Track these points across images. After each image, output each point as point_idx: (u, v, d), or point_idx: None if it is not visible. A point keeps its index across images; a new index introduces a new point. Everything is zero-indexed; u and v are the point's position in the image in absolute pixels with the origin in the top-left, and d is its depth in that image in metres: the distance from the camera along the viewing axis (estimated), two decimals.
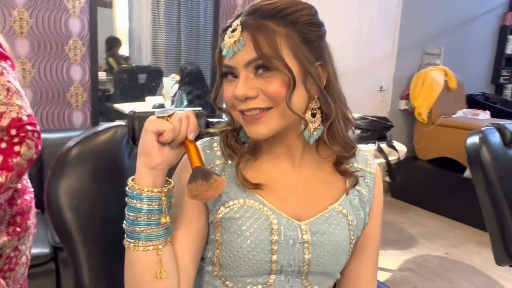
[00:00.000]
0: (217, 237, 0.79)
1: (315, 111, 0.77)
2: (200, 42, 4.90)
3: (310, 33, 0.74)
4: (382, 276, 2.75)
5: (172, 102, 3.60)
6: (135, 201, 0.69)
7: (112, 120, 4.53)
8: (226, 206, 0.78)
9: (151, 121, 0.68)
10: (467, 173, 3.56)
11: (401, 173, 3.83)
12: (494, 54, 4.93)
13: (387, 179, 2.52)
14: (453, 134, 3.85)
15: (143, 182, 0.69)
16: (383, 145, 2.39)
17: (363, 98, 3.99)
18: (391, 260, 2.95)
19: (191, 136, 0.70)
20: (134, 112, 1.09)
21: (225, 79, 0.77)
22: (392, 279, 2.73)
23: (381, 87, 4.09)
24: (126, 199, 0.71)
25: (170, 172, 0.77)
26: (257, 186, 0.78)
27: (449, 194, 3.72)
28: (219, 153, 0.82)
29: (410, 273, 2.79)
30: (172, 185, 0.72)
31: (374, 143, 2.39)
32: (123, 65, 4.87)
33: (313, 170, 0.84)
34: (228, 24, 0.76)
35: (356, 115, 2.53)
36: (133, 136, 1.07)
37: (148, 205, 0.69)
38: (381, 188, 0.90)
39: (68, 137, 2.81)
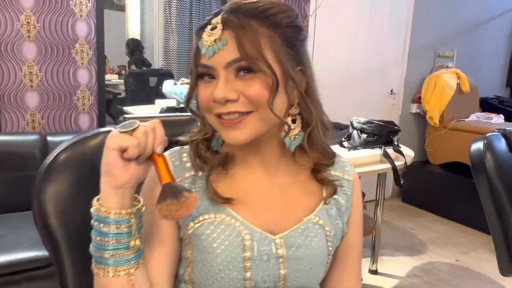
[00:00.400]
0: (188, 255, 0.75)
1: (295, 117, 0.75)
2: None
3: (292, 36, 0.71)
4: (389, 283, 2.70)
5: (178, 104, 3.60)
6: (101, 225, 0.64)
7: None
8: (196, 221, 0.74)
9: (113, 137, 0.62)
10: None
11: (410, 178, 3.79)
12: (508, 56, 4.83)
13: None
14: (465, 139, 3.76)
15: (109, 204, 0.64)
16: (390, 150, 2.34)
17: (374, 101, 3.94)
18: (399, 266, 2.90)
19: (159, 150, 0.65)
20: (124, 118, 1.08)
21: (200, 80, 0.72)
22: (400, 286, 2.68)
23: (392, 90, 4.04)
24: (91, 221, 0.66)
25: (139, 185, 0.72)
26: (228, 201, 0.74)
27: (461, 199, 3.64)
28: (188, 164, 0.78)
29: (418, 280, 2.74)
30: (141, 204, 0.67)
31: (380, 148, 2.34)
32: (134, 69, 4.90)
33: (288, 179, 0.80)
34: (206, 21, 0.71)
35: (362, 119, 2.50)
36: None
37: (116, 228, 0.64)
38: (360, 196, 0.87)
39: None
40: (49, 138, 2.51)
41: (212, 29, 0.68)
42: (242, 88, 0.68)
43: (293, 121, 0.75)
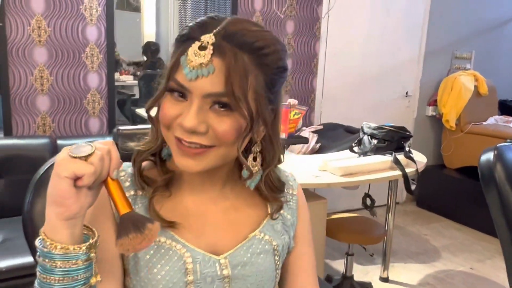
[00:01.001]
0: (127, 282, 0.72)
1: (256, 155, 0.72)
2: None
3: (276, 79, 0.68)
4: None
5: None
6: (46, 260, 0.57)
7: (136, 124, 4.59)
8: None
9: (65, 164, 0.55)
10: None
11: (425, 182, 3.71)
12: None
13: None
14: (483, 142, 3.66)
15: (58, 237, 0.56)
16: (401, 157, 2.29)
17: (387, 104, 3.88)
18: (411, 274, 2.84)
19: (114, 175, 0.59)
20: (118, 129, 1.06)
21: (169, 94, 0.66)
22: None
23: (406, 93, 3.96)
24: (37, 256, 0.58)
25: None
26: (172, 224, 0.70)
27: (477, 205, 3.54)
28: (127, 183, 0.73)
29: None
30: (96, 237, 0.61)
31: (391, 154, 2.29)
32: (148, 70, 4.93)
33: (233, 199, 0.78)
34: (190, 30, 0.64)
35: (372, 125, 2.45)
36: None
37: (65, 264, 0.57)
38: (305, 208, 0.85)
39: None
40: (59, 141, 2.53)
41: (201, 48, 0.62)
42: (213, 122, 0.64)
43: (254, 159, 0.72)
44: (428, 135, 4.13)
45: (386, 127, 2.39)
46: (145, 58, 5.28)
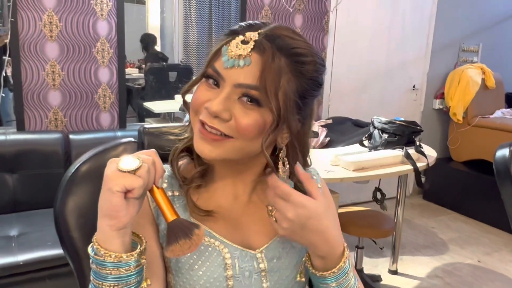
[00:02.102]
0: (169, 279, 0.75)
1: (284, 160, 0.73)
2: None
3: (308, 89, 0.69)
4: (409, 284, 2.67)
5: None
6: (100, 267, 0.61)
7: (143, 118, 4.60)
8: None
9: (116, 179, 0.58)
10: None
11: (432, 175, 3.72)
12: None
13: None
14: (490, 136, 3.69)
15: (111, 246, 0.60)
16: (411, 151, 2.30)
17: (395, 97, 3.88)
18: (419, 266, 2.86)
19: (160, 183, 0.63)
20: (144, 128, 1.08)
21: (205, 80, 0.70)
22: (420, 287, 2.65)
23: (414, 86, 3.97)
24: (90, 263, 0.63)
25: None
26: (208, 213, 0.74)
27: (484, 198, 3.57)
28: (165, 185, 0.76)
29: (439, 282, 2.70)
30: (145, 244, 0.65)
31: (402, 148, 2.31)
32: (154, 64, 4.93)
33: (263, 195, 0.79)
34: (239, 27, 0.69)
35: (383, 119, 2.46)
36: None
37: (117, 271, 0.61)
38: (331, 202, 0.86)
39: (95, 138, 2.86)
40: (71, 136, 2.54)
41: (244, 42, 0.66)
42: (237, 113, 0.66)
43: (283, 164, 0.73)
44: (435, 128, 4.14)
45: (397, 122, 2.40)
46: (144, 53, 5.29)
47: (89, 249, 0.63)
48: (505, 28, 4.33)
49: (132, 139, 1.07)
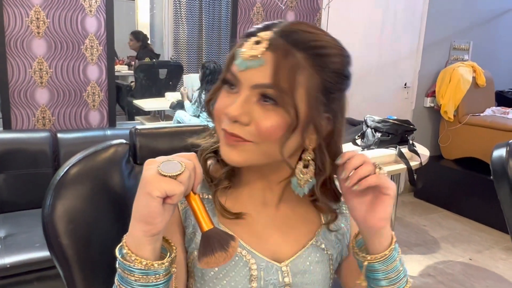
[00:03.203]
0: (190, 284, 0.73)
1: (307, 162, 0.69)
2: (221, 37, 4.85)
3: (333, 83, 0.65)
4: None
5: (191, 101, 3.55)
6: (126, 272, 0.59)
7: (132, 116, 4.55)
8: None
9: (156, 182, 0.55)
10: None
11: (423, 173, 3.73)
12: None
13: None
14: (480, 134, 3.71)
15: (143, 253, 0.58)
16: (405, 150, 2.29)
17: (387, 95, 3.87)
18: (411, 265, 2.86)
19: (198, 189, 0.61)
20: (136, 129, 1.04)
21: (225, 86, 0.68)
22: (413, 286, 2.64)
23: (405, 84, 3.96)
24: (117, 265, 0.61)
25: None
26: (237, 216, 0.71)
27: (475, 196, 3.59)
28: None
29: (431, 280, 2.70)
30: (175, 251, 0.63)
31: (395, 147, 2.29)
32: (143, 61, 4.87)
33: (291, 206, 0.77)
34: (254, 29, 0.67)
35: (376, 118, 2.44)
36: (134, 154, 1.03)
37: (156, 279, 0.59)
38: None
39: (84, 137, 2.81)
40: (59, 135, 2.49)
41: (257, 42, 0.64)
42: (257, 116, 0.64)
43: (305, 166, 0.70)
44: (426, 126, 4.14)
45: (390, 120, 2.39)
46: (137, 50, 5.21)
47: (117, 251, 0.61)
48: (495, 27, 4.35)
49: (124, 141, 1.03)
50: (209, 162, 0.75)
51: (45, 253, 1.96)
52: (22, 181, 2.39)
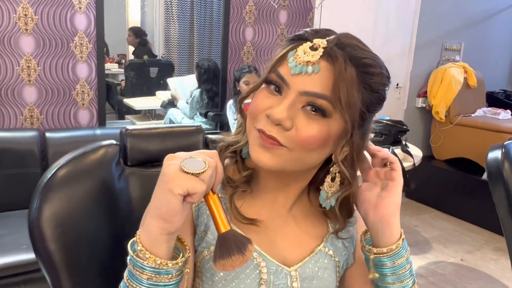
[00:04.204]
0: (196, 284, 0.71)
1: (334, 175, 0.69)
2: (213, 36, 4.81)
3: (374, 102, 0.66)
4: None
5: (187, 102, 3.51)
6: (138, 270, 0.57)
7: (123, 115, 4.49)
8: (211, 249, 0.69)
9: (179, 179, 0.54)
10: (486, 175, 3.42)
11: (414, 173, 3.74)
12: None
13: None
14: (472, 134, 3.72)
15: (157, 251, 0.57)
16: (398, 151, 2.28)
17: None
18: None
19: (218, 189, 0.60)
20: (127, 129, 1.01)
21: (265, 86, 0.66)
22: None
23: (397, 84, 3.96)
24: (128, 260, 0.59)
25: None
26: (252, 222, 0.70)
27: (466, 196, 3.60)
28: None
29: (423, 281, 2.70)
30: (188, 253, 0.62)
31: (388, 148, 2.28)
32: (134, 59, 4.82)
33: (303, 211, 0.77)
34: (305, 33, 0.66)
35: None
36: (125, 156, 1.00)
37: (168, 279, 0.58)
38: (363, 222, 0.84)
39: (73, 137, 2.76)
40: (47, 134, 2.44)
41: (312, 48, 0.63)
42: (300, 124, 0.63)
43: (332, 179, 0.69)
44: (418, 126, 4.15)
45: (383, 121, 2.38)
46: (134, 47, 5.14)
47: (129, 246, 0.59)
48: (486, 28, 4.37)
49: (114, 142, 1.00)
50: (226, 161, 0.74)
51: (32, 255, 1.90)
52: (9, 181, 2.34)
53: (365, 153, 0.73)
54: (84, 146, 0.97)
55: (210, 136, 1.12)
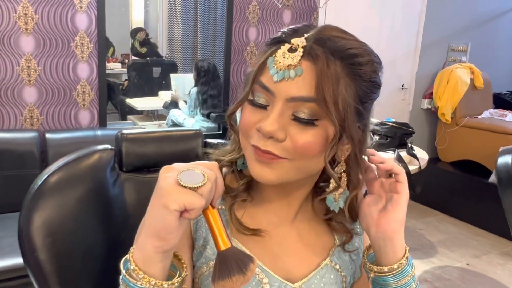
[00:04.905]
0: None
1: (340, 175, 0.65)
2: (217, 36, 4.77)
3: (368, 92, 0.62)
4: None
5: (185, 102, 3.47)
6: None
7: (126, 115, 4.46)
8: (211, 265, 0.65)
9: (175, 194, 0.49)
10: (492, 178, 3.37)
11: (419, 176, 3.69)
12: None
13: None
14: (478, 136, 3.67)
15: (152, 270, 0.53)
16: (403, 153, 2.23)
17: (383, 96, 3.77)
18: None
19: (217, 203, 0.56)
20: (122, 133, 0.97)
21: (250, 101, 0.63)
22: None
23: (402, 85, 3.91)
24: (120, 279, 0.55)
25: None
26: (255, 232, 0.66)
27: (472, 199, 3.54)
28: None
29: (428, 286, 2.65)
30: (185, 271, 0.57)
31: (394, 151, 2.23)
32: (137, 58, 4.78)
33: (305, 222, 0.73)
34: (282, 35, 0.61)
35: (374, 120, 2.38)
36: (120, 161, 0.96)
37: None
38: None
39: (74, 138, 2.72)
40: (47, 135, 2.41)
41: (291, 50, 0.58)
42: (294, 132, 0.59)
43: (338, 180, 0.66)
44: (423, 128, 4.09)
45: (389, 123, 2.33)
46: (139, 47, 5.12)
47: (121, 264, 0.55)
48: (493, 28, 4.31)
49: (109, 146, 0.96)
50: (224, 170, 0.70)
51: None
52: (8, 183, 2.31)
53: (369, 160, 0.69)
54: (79, 150, 0.93)
55: (209, 140, 1.09)
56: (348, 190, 0.67)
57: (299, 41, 0.58)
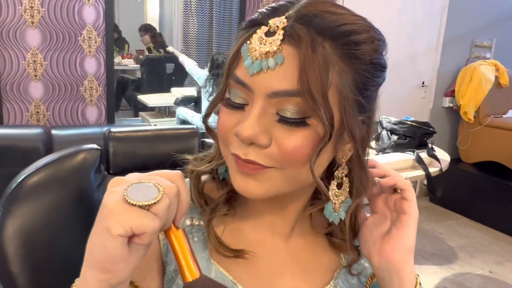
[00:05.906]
0: None
1: (341, 180, 0.54)
2: (232, 31, 4.69)
3: (370, 77, 0.50)
4: None
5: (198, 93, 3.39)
6: None
7: (138, 112, 4.40)
8: None
9: (119, 214, 0.38)
10: None
11: (440, 177, 3.54)
12: None
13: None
14: (502, 137, 3.51)
15: None
16: (423, 154, 2.10)
17: (403, 94, 3.68)
18: (426, 277, 2.67)
19: (181, 223, 0.47)
20: (110, 131, 0.88)
21: (226, 101, 0.52)
22: None
23: (423, 83, 3.77)
24: None
25: None
26: (238, 254, 0.55)
27: (496, 202, 3.39)
28: None
29: None
30: None
31: (413, 151, 2.11)
32: (150, 55, 4.73)
33: (303, 239, 0.61)
34: (260, 15, 0.49)
35: (392, 119, 2.26)
36: (107, 162, 0.87)
37: None
38: None
39: (80, 134, 2.65)
40: (53, 131, 2.35)
41: (268, 34, 0.47)
42: (280, 133, 0.48)
43: (339, 185, 0.55)
44: (444, 127, 3.94)
45: (408, 122, 2.20)
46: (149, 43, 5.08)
47: None
48: None
49: (95, 146, 0.87)
50: (203, 178, 0.59)
51: None
52: (12, 180, 2.26)
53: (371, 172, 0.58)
54: (63, 149, 0.85)
55: (208, 140, 0.99)
56: (351, 198, 0.55)
57: (278, 21, 0.46)
